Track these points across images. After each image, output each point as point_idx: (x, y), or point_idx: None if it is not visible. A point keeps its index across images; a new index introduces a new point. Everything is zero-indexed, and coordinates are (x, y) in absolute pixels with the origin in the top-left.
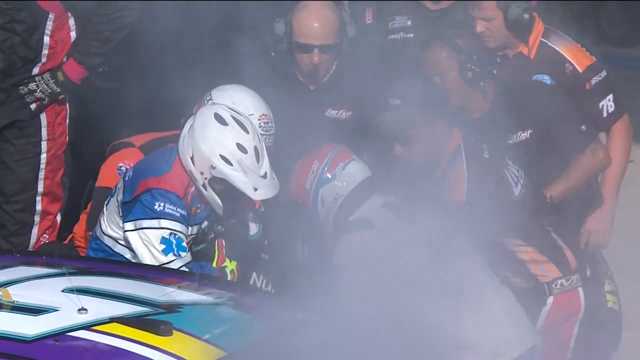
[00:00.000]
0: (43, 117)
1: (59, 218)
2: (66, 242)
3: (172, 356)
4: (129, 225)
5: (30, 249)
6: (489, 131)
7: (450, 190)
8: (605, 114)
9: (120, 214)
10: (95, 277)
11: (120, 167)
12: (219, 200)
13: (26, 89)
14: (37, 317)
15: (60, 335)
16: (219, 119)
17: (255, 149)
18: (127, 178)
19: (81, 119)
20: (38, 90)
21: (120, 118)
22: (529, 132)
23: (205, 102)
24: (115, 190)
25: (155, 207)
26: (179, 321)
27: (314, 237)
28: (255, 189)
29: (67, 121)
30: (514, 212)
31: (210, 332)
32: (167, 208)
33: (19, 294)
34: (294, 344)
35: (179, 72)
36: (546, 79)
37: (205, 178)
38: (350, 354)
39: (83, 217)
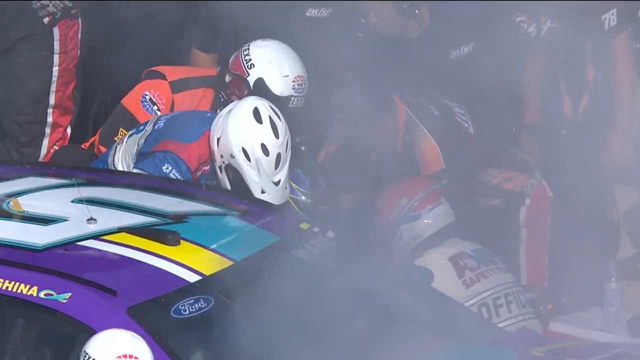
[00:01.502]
0: (55, 31)
1: (69, 130)
2: (86, 146)
3: (180, 265)
4: (135, 171)
5: (40, 160)
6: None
7: (422, 165)
8: (606, 27)
9: (134, 158)
10: (104, 188)
11: (145, 95)
12: (228, 186)
13: (39, 4)
14: (47, 227)
15: (69, 244)
16: (257, 115)
17: (278, 155)
18: (156, 127)
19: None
20: (50, 5)
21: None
22: (471, 44)
23: (242, 55)
24: (142, 129)
25: (164, 168)
26: (186, 231)
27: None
28: (263, 192)
29: (79, 36)
30: (479, 148)
31: (217, 242)
32: (173, 174)
33: (30, 204)
34: (298, 254)
35: None
36: None
37: (223, 162)
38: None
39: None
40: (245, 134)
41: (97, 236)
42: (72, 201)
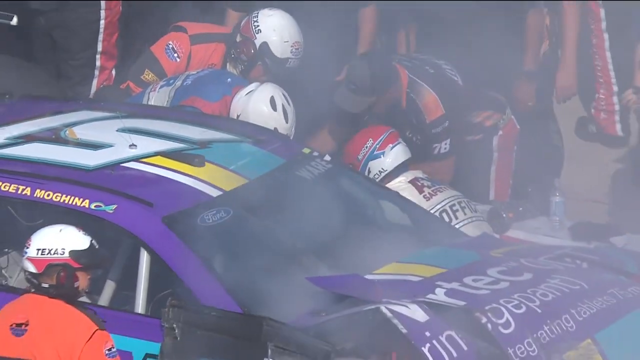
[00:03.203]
0: None
1: (114, 72)
2: (122, 87)
3: (204, 182)
4: None
5: (90, 97)
6: None
7: (427, 114)
8: None
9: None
10: (143, 119)
11: (169, 44)
12: None
13: None
14: (96, 151)
15: (115, 165)
16: (272, 103)
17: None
18: (184, 83)
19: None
20: None
21: None
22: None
23: (252, 21)
24: (172, 83)
25: None
26: (210, 155)
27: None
28: None
29: None
30: (468, 96)
31: (235, 164)
32: None
33: (82, 132)
34: (300, 174)
35: None
36: None
37: None
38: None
39: None
40: (261, 119)
41: (137, 159)
42: (116, 130)
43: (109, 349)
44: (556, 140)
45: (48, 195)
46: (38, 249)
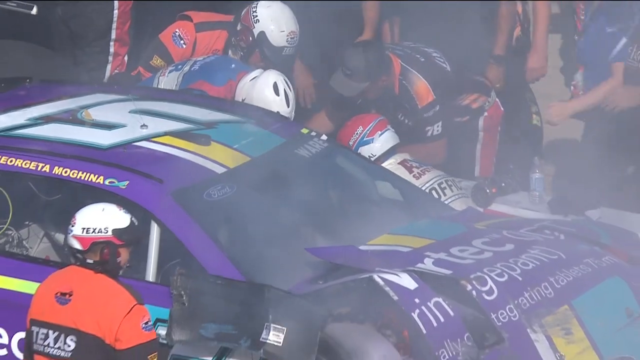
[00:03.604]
0: None
1: (126, 58)
2: (134, 73)
3: (210, 160)
4: None
5: (105, 81)
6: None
7: (418, 100)
8: None
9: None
10: (153, 102)
11: (176, 32)
12: None
13: None
14: (110, 131)
15: (127, 145)
16: (275, 89)
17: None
18: (192, 69)
19: None
20: None
21: None
22: None
23: (251, 11)
24: (180, 68)
25: None
26: (215, 135)
27: None
28: None
29: None
30: (455, 81)
31: (239, 143)
32: None
33: (97, 114)
34: (299, 152)
35: None
36: None
37: None
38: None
39: None
40: (265, 103)
41: (148, 138)
42: (129, 112)
43: (146, 323)
44: (536, 121)
45: (65, 172)
46: (83, 228)
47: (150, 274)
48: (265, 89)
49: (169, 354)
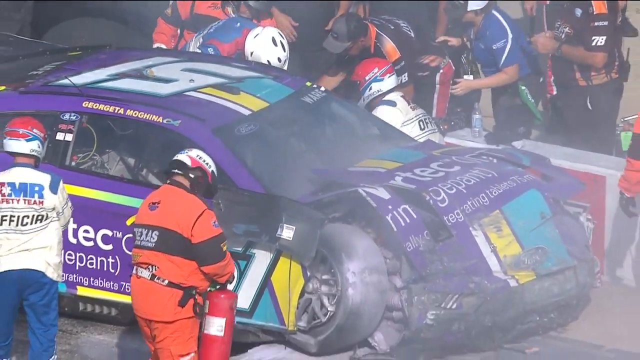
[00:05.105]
0: None
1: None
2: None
3: (240, 105)
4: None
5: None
6: None
7: (388, 57)
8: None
9: (199, 48)
10: (198, 62)
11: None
12: None
13: None
14: (167, 84)
15: (179, 94)
16: (274, 41)
17: (286, 60)
18: (210, 30)
19: None
20: None
21: None
22: None
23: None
24: (202, 31)
25: (209, 51)
26: (243, 86)
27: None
28: None
29: None
30: (418, 45)
31: (260, 92)
32: None
33: (157, 71)
34: (305, 100)
35: None
36: None
37: None
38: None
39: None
40: (267, 52)
41: (194, 90)
42: (181, 70)
43: (214, 222)
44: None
45: (135, 113)
46: (198, 155)
47: None
48: (267, 42)
49: None
